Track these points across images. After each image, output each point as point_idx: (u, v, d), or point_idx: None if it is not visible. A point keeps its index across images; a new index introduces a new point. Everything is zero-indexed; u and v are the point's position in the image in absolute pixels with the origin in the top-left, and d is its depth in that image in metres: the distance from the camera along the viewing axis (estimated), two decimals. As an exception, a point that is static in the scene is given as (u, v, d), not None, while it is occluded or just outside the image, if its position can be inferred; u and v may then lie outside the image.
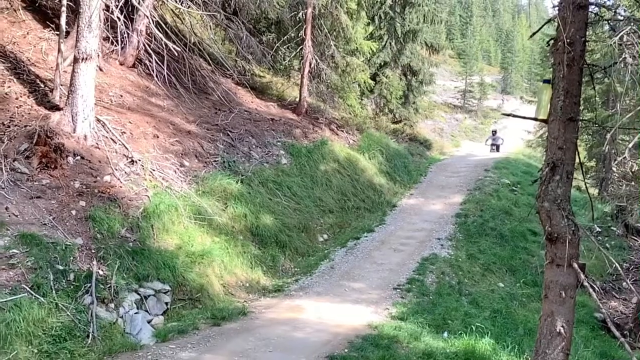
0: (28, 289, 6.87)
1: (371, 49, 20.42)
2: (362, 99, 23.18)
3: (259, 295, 9.88)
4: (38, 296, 6.85)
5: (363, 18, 20.25)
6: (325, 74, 17.96)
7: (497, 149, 27.54)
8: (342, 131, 18.81)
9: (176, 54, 12.39)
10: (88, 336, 6.95)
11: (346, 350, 7.46)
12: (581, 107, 4.77)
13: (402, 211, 15.79)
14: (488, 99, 47.86)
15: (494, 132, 28.96)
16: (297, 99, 18.19)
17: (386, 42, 24.16)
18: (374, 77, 23.36)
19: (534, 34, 5.87)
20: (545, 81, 4.90)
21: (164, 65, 12.09)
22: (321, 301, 9.48)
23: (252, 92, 17.56)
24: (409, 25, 24.40)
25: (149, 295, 8.20)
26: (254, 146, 13.99)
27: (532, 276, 12.17)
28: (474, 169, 20.87)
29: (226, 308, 8.73)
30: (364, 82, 20.81)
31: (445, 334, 8.55)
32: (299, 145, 15.40)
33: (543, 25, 5.76)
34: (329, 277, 10.83)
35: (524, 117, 5.64)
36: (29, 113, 9.65)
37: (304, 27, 17.14)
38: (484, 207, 15.56)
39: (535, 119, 5.08)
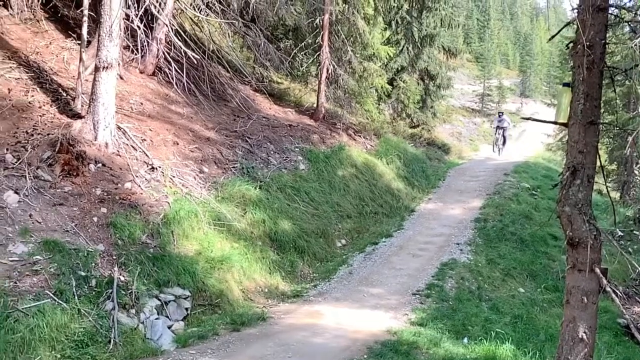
0: (51, 294, 6.98)
1: (388, 54, 20.40)
2: (379, 104, 23.16)
3: (278, 300, 9.89)
4: (61, 302, 6.95)
5: (380, 23, 20.26)
6: (343, 80, 17.99)
7: (503, 142, 24.77)
8: (360, 136, 18.79)
9: (195, 62, 12.54)
10: (110, 341, 7.03)
11: (365, 356, 7.46)
12: (602, 110, 4.73)
13: (420, 216, 15.71)
14: (507, 102, 47.39)
15: (500, 114, 25.31)
16: (315, 105, 18.24)
17: (403, 46, 24.12)
18: (391, 81, 23.33)
19: (553, 37, 5.84)
20: (565, 84, 4.87)
21: (183, 73, 12.24)
22: (340, 307, 9.47)
23: (270, 99, 17.65)
24: (426, 30, 24.33)
25: (169, 301, 8.26)
26: (272, 152, 14.05)
27: (553, 281, 12.02)
28: (493, 173, 20.70)
29: (245, 313, 8.75)
30: (381, 87, 20.79)
31: (465, 340, 8.49)
32: (316, 150, 15.42)
33: (562, 28, 5.74)
34: (347, 283, 10.81)
35: (544, 121, 5.61)
36: (52, 121, 9.82)
37: (321, 33, 17.19)
38: (504, 211, 15.42)
39: (555, 123, 5.05)
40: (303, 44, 17.96)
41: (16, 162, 8.56)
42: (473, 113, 42.33)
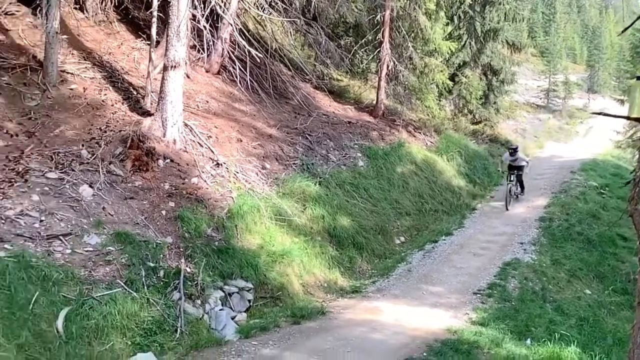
0: (122, 284, 7.29)
1: (450, 49, 20.12)
2: (440, 100, 22.87)
3: (337, 295, 9.98)
4: (131, 291, 7.25)
5: (442, 18, 20.03)
6: (403, 76, 17.89)
7: (521, 188, 16.59)
8: (420, 133, 18.65)
9: (258, 61, 12.77)
10: (176, 330, 7.28)
11: (425, 354, 7.41)
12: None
13: (482, 214, 15.44)
14: (573, 98, 45.80)
15: (513, 151, 16.32)
16: (374, 102, 18.23)
17: (465, 41, 23.69)
18: (452, 77, 22.96)
19: (625, 29, 5.65)
20: (638, 78, 4.70)
21: (246, 71, 12.50)
22: (399, 304, 9.47)
23: (330, 96, 17.78)
24: (489, 24, 23.79)
25: (232, 293, 8.49)
26: (331, 149, 14.16)
27: (622, 283, 11.57)
28: (559, 171, 20.09)
29: (305, 307, 8.88)
30: (443, 83, 20.53)
31: (528, 341, 8.32)
32: (375, 147, 15.42)
33: (635, 21, 5.53)
34: (406, 280, 10.78)
35: (616, 116, 5.42)
36: (123, 119, 10.29)
37: (382, 29, 17.16)
38: (570, 210, 14.95)
39: (628, 118, 4.88)
40: (363, 40, 17.98)
41: (91, 158, 9.02)
42: (538, 109, 41.13)
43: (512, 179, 16.01)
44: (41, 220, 7.52)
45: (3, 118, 9.01)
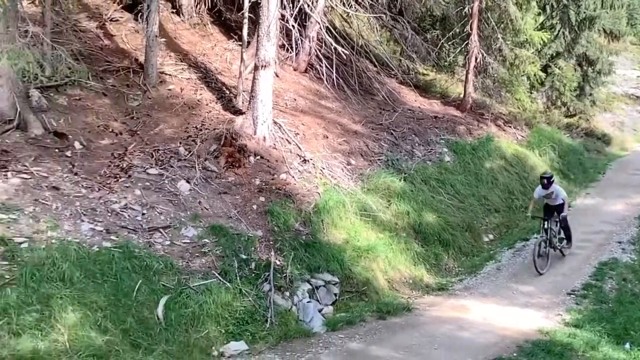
0: (217, 275, 7.68)
1: (542, 39, 19.30)
2: (531, 92, 22.06)
3: (422, 292, 9.95)
4: (225, 282, 7.63)
5: (533, 8, 19.21)
6: (492, 68, 17.40)
7: (565, 236, 11.48)
8: (510, 127, 18.09)
9: (344, 58, 12.91)
10: (266, 321, 7.59)
11: (515, 354, 7.29)
12: None
13: (576, 212, 14.72)
14: (678, 89, 42.64)
15: (547, 181, 11.16)
16: (462, 95, 17.87)
17: (559, 31, 22.62)
18: (545, 68, 22.05)
19: None
20: None
21: (333, 69, 12.66)
22: (487, 302, 9.30)
23: (416, 91, 17.62)
24: (584, 12, 22.55)
25: (319, 286, 8.69)
26: (416, 144, 14.06)
27: None
28: (662, 166, 18.87)
29: (391, 303, 8.95)
30: (534, 75, 19.77)
31: (627, 345, 7.92)
32: (462, 142, 15.12)
33: None
34: (494, 279, 10.56)
35: None
36: (217, 117, 10.79)
37: (470, 21, 16.79)
38: (674, 208, 14.03)
39: None
40: (451, 33, 17.64)
41: (187, 155, 9.57)
42: (638, 101, 38.63)
43: (547, 226, 10.96)
44: (143, 214, 8.08)
45: (109, 118, 9.74)
